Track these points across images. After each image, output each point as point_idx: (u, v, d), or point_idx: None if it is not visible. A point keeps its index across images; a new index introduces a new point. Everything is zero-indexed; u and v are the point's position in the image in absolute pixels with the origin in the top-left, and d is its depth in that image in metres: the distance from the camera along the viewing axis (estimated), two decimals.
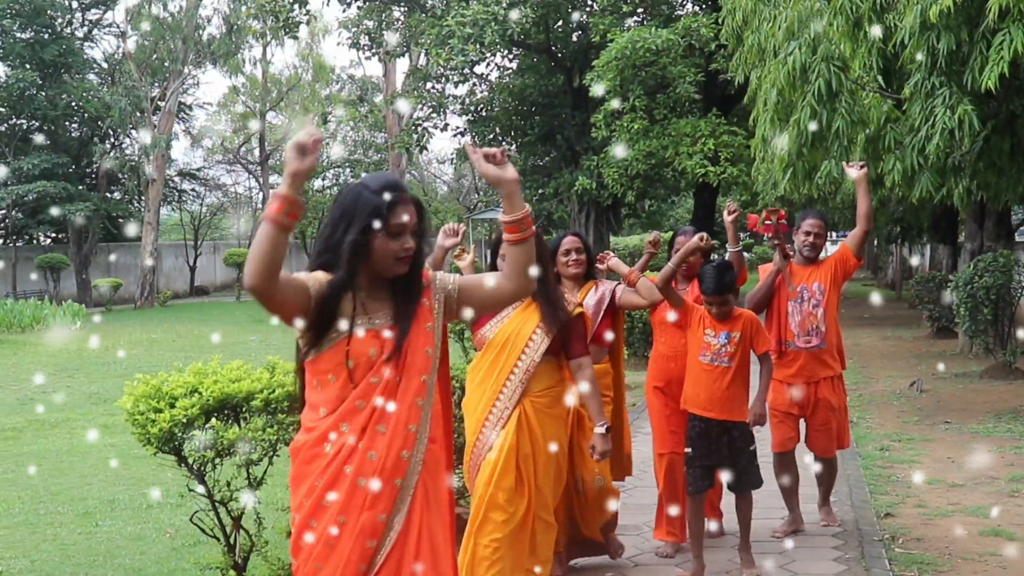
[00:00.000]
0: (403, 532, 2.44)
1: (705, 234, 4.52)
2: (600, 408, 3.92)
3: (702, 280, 4.37)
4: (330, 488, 2.41)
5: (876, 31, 6.96)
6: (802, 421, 5.26)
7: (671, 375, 4.79)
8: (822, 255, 5.25)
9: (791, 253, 5.17)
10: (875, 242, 25.68)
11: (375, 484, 2.40)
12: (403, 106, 19.79)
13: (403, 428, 2.45)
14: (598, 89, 16.01)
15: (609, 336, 4.51)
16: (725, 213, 4.99)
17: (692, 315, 4.48)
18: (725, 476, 4.39)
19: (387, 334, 2.46)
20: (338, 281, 2.41)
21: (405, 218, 2.43)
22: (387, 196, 2.42)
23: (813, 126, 7.44)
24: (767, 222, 5.14)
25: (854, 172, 5.10)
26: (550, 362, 3.85)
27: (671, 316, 4.55)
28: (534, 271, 2.52)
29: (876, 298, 15.50)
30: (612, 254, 4.86)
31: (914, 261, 26.99)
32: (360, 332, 2.43)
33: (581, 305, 4.04)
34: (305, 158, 2.23)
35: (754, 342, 4.44)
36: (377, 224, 2.40)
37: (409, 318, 2.49)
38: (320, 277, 2.43)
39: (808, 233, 5.11)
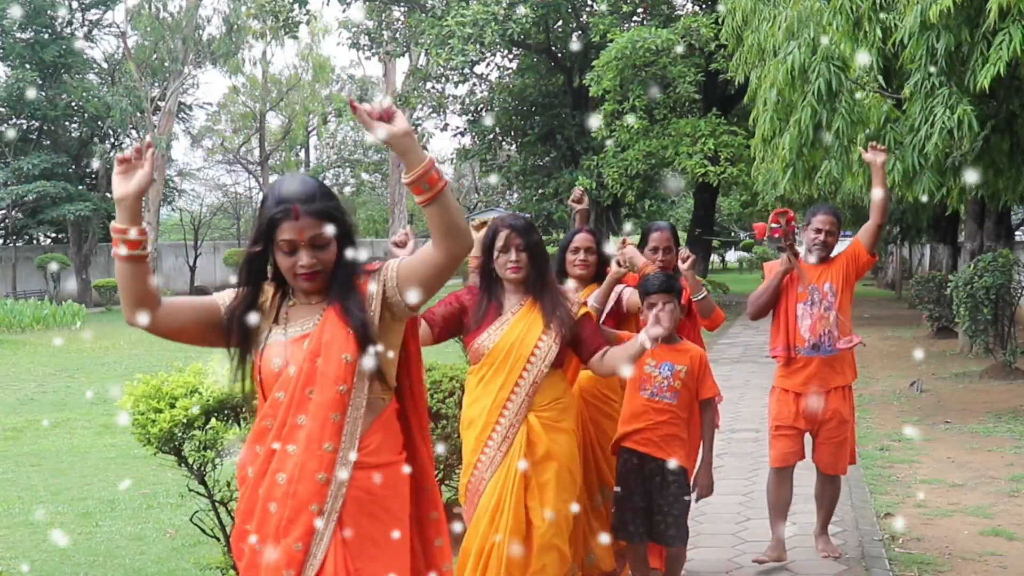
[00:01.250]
0: (323, 568, 2.20)
1: (627, 239, 4.05)
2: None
3: (645, 281, 3.87)
4: (248, 512, 2.28)
5: (863, 58, 6.98)
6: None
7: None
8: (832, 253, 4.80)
9: (799, 253, 4.66)
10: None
11: (285, 509, 2.20)
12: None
13: (316, 447, 2.20)
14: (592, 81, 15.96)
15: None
16: (680, 262, 4.21)
17: None
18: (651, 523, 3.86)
19: (304, 343, 2.26)
20: (239, 301, 2.28)
21: (289, 235, 2.19)
22: (276, 210, 2.20)
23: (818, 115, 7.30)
24: (775, 225, 4.56)
25: (870, 155, 4.54)
26: (555, 373, 3.49)
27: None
28: (458, 225, 2.17)
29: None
30: (631, 243, 4.23)
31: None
32: (267, 342, 2.28)
33: (585, 304, 3.67)
34: (130, 179, 2.05)
35: (699, 384, 3.91)
36: (259, 244, 2.24)
37: (336, 316, 2.26)
38: (240, 290, 2.31)
39: (819, 231, 4.61)
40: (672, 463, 3.81)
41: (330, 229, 2.22)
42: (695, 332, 4.36)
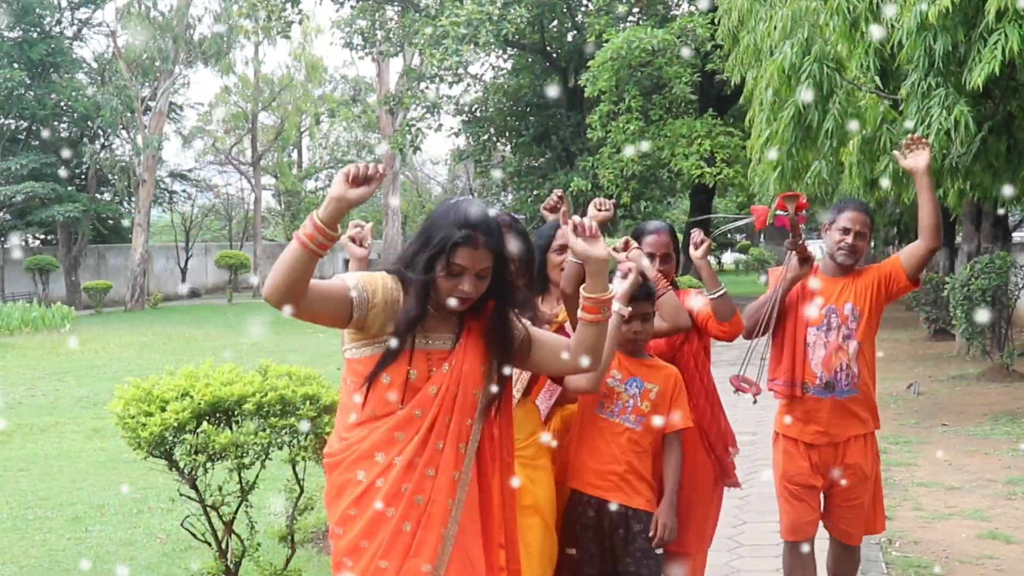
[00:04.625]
0: None
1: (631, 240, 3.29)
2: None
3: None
4: (373, 528, 2.26)
5: (875, 32, 6.85)
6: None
7: None
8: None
9: (813, 255, 3.64)
10: (871, 243, 25.80)
11: (418, 529, 2.25)
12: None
13: (449, 475, 2.30)
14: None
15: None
16: (692, 248, 3.37)
17: None
18: None
19: (444, 365, 2.32)
20: (411, 312, 2.29)
21: (463, 262, 2.27)
22: (458, 234, 2.27)
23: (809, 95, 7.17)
24: (780, 212, 3.50)
25: (909, 161, 3.53)
26: (526, 402, 3.02)
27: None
28: (599, 356, 2.38)
29: None
30: (637, 245, 3.28)
31: None
32: (410, 347, 2.28)
33: (557, 316, 3.12)
34: (354, 188, 2.11)
35: (671, 410, 3.14)
36: (439, 262, 2.28)
37: (473, 346, 2.35)
38: (376, 280, 2.31)
39: (847, 231, 3.60)
40: (638, 510, 3.09)
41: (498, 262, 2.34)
42: (703, 358, 3.48)
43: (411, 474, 2.26)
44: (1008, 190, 8.00)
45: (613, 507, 3.06)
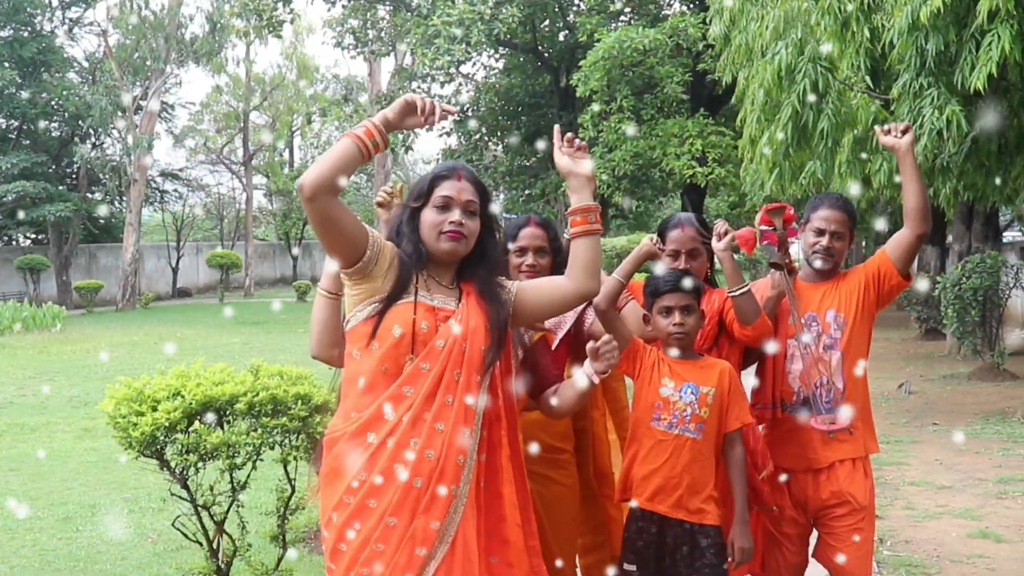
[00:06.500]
0: (454, 543, 2.24)
1: (656, 237, 3.13)
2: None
3: (654, 281, 2.98)
4: (383, 485, 2.20)
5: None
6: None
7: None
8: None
9: (796, 267, 3.27)
10: (863, 243, 25.79)
11: (430, 486, 2.20)
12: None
13: (459, 430, 2.26)
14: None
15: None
16: (715, 240, 3.08)
17: (642, 358, 2.99)
18: None
19: (451, 320, 2.32)
20: (408, 253, 2.35)
21: (449, 192, 2.36)
22: (440, 171, 2.42)
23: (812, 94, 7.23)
24: (766, 228, 3.18)
25: (890, 139, 3.11)
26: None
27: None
28: (599, 267, 2.32)
29: None
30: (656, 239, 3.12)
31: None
32: (416, 299, 2.31)
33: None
34: (407, 117, 2.25)
35: (728, 408, 2.95)
36: (427, 202, 2.39)
37: (475, 306, 2.35)
38: (386, 241, 2.38)
39: (820, 232, 3.18)
40: (704, 525, 2.91)
41: (482, 203, 2.42)
42: (733, 355, 3.22)
43: (419, 428, 2.22)
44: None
45: (675, 523, 2.92)
